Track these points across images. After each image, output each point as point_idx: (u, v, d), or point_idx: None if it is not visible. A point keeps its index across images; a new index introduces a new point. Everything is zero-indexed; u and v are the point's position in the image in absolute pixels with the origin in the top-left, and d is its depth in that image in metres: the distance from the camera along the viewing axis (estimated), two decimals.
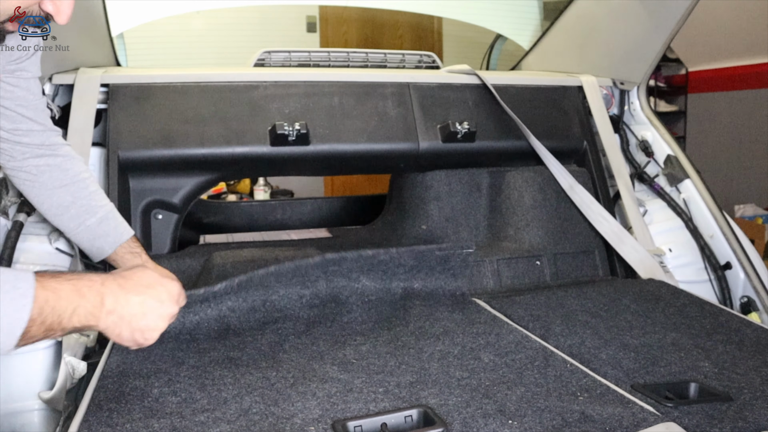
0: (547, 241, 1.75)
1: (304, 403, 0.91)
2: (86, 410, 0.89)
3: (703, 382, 1.01)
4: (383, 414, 0.87)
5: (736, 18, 4.33)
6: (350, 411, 0.89)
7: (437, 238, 1.81)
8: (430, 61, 2.07)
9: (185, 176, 1.64)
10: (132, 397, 0.92)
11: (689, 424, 0.87)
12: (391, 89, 1.78)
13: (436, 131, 1.76)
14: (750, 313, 1.68)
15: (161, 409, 0.88)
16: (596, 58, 2.02)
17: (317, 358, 1.08)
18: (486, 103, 1.84)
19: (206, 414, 0.87)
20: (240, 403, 0.91)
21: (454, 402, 0.91)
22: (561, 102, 1.95)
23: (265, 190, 4.30)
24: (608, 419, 0.85)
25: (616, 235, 1.72)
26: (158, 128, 1.58)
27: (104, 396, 0.92)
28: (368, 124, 1.72)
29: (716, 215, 1.80)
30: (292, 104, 1.68)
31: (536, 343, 1.14)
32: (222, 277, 1.49)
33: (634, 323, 1.28)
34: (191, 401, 0.91)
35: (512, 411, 0.89)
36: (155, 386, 0.94)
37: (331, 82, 1.74)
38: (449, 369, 1.04)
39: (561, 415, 0.87)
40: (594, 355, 1.12)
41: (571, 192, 1.77)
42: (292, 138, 1.62)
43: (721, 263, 1.76)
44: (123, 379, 0.98)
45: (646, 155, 1.96)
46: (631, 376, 1.03)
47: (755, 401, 0.95)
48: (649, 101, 2.03)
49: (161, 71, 1.70)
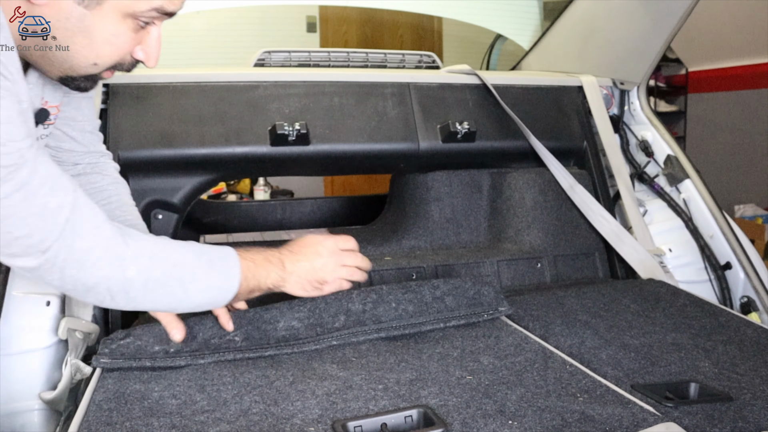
0: (547, 243, 1.75)
1: (303, 403, 0.91)
2: (86, 409, 0.89)
3: (704, 382, 1.01)
4: (383, 414, 0.87)
5: (736, 18, 4.34)
6: (350, 410, 0.89)
7: (437, 240, 1.81)
8: (430, 61, 2.07)
9: (185, 176, 1.64)
10: (132, 398, 0.92)
11: (689, 424, 0.87)
12: (391, 89, 1.78)
13: (436, 131, 1.76)
14: (750, 313, 1.68)
15: (161, 410, 0.88)
16: (596, 58, 2.02)
17: (316, 356, 1.08)
18: (486, 103, 1.84)
19: (206, 414, 0.87)
20: (240, 403, 0.91)
21: (454, 402, 0.91)
22: (561, 102, 1.95)
23: (265, 190, 4.30)
24: (608, 419, 0.85)
25: (616, 235, 1.72)
26: (158, 128, 1.58)
27: (104, 396, 0.92)
28: (368, 124, 1.72)
29: (716, 215, 1.80)
30: (292, 104, 1.68)
31: (536, 344, 1.14)
32: None
33: (634, 323, 1.28)
34: (191, 402, 0.91)
35: (512, 411, 0.89)
36: (155, 390, 0.94)
37: (331, 82, 1.74)
38: (449, 368, 1.04)
39: (561, 415, 0.87)
40: (594, 355, 1.12)
41: (571, 192, 1.77)
42: (292, 138, 1.62)
43: (721, 263, 1.76)
44: (123, 381, 0.97)
45: (646, 155, 1.96)
46: (631, 376, 1.03)
47: (755, 401, 0.95)
48: (649, 101, 2.03)
49: (161, 71, 1.70)
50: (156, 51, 0.94)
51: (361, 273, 1.19)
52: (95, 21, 0.85)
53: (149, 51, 0.94)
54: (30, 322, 1.25)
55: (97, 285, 0.88)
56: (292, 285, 1.10)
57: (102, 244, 0.87)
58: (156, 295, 0.93)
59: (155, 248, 0.93)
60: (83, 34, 0.86)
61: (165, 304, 0.96)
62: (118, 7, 0.86)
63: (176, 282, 0.94)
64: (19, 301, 1.27)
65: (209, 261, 0.98)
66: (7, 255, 0.84)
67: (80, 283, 0.87)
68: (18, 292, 1.27)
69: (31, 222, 0.81)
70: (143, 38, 0.93)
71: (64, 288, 0.91)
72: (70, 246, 0.84)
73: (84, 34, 0.86)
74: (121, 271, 0.88)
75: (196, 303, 0.98)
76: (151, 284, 0.91)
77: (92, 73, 0.93)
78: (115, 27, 0.87)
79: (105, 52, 0.89)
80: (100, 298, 0.90)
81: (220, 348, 1.07)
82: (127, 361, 1.03)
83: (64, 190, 0.85)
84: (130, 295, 0.91)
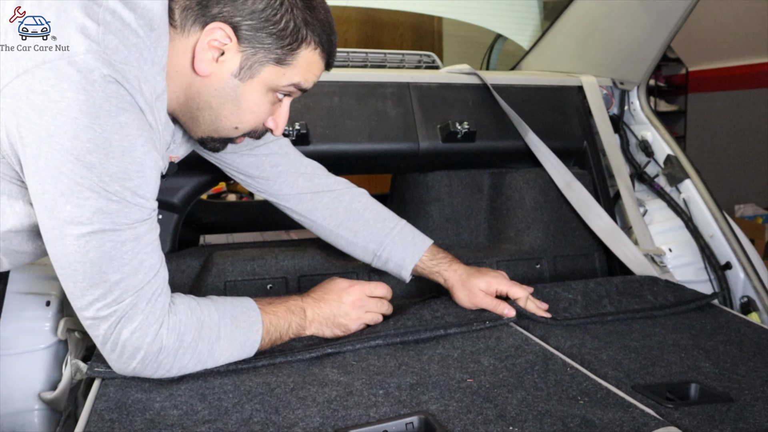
0: (547, 244, 1.75)
1: (304, 411, 0.90)
2: (87, 419, 0.88)
3: (704, 382, 1.01)
4: (384, 421, 0.87)
5: (736, 18, 4.33)
6: (351, 418, 0.88)
7: (437, 240, 1.81)
8: (430, 61, 2.06)
9: (185, 176, 1.64)
10: (134, 409, 0.91)
11: (690, 425, 0.87)
12: (390, 89, 1.78)
13: (436, 131, 1.76)
14: (750, 313, 1.68)
15: (163, 422, 0.88)
16: (596, 58, 2.02)
17: (316, 360, 1.08)
18: (486, 103, 1.84)
19: (207, 425, 0.87)
20: (241, 412, 0.90)
21: (455, 407, 0.91)
22: (561, 102, 1.95)
23: None
24: (609, 424, 0.85)
25: (610, 234, 1.72)
26: None
27: (106, 405, 0.91)
28: (368, 124, 1.72)
29: (716, 215, 1.80)
30: (292, 104, 1.68)
31: (536, 345, 1.14)
32: (221, 275, 1.49)
33: (634, 324, 1.28)
34: (192, 413, 0.90)
35: (513, 416, 0.88)
36: (157, 400, 0.93)
37: (331, 81, 1.74)
38: (449, 371, 1.03)
39: (562, 420, 0.87)
40: (594, 356, 1.12)
41: (567, 191, 1.77)
42: (292, 138, 1.61)
43: (721, 263, 1.76)
44: (125, 390, 0.96)
45: (646, 155, 1.96)
46: (631, 377, 1.03)
47: (756, 402, 0.94)
48: (649, 101, 2.03)
49: None
50: (283, 122, 1.05)
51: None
52: (245, 92, 0.96)
53: (278, 121, 1.04)
54: (30, 322, 1.25)
55: (135, 351, 0.90)
56: (315, 332, 1.14)
57: (155, 313, 0.90)
58: (185, 360, 0.95)
59: (191, 312, 0.95)
60: (233, 102, 0.97)
61: (191, 367, 0.97)
62: (265, 81, 0.96)
63: (203, 344, 0.96)
64: (19, 301, 1.27)
65: (233, 318, 1.00)
66: (81, 296, 0.87)
67: (119, 345, 0.89)
68: (18, 292, 1.27)
69: (127, 271, 0.86)
70: (275, 110, 1.03)
71: (99, 345, 0.92)
72: (134, 306, 0.88)
73: (234, 102, 0.97)
74: (159, 341, 0.91)
75: (220, 361, 1.00)
76: (181, 351, 0.94)
77: (231, 136, 1.03)
78: (259, 98, 0.98)
79: (247, 119, 1.00)
80: (131, 367, 0.92)
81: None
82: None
83: (160, 257, 0.91)
84: (161, 363, 0.93)
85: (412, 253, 1.30)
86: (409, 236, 1.32)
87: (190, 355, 0.95)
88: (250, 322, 1.02)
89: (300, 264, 1.56)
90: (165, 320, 0.91)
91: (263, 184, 1.29)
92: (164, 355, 0.92)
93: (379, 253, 1.30)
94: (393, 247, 1.30)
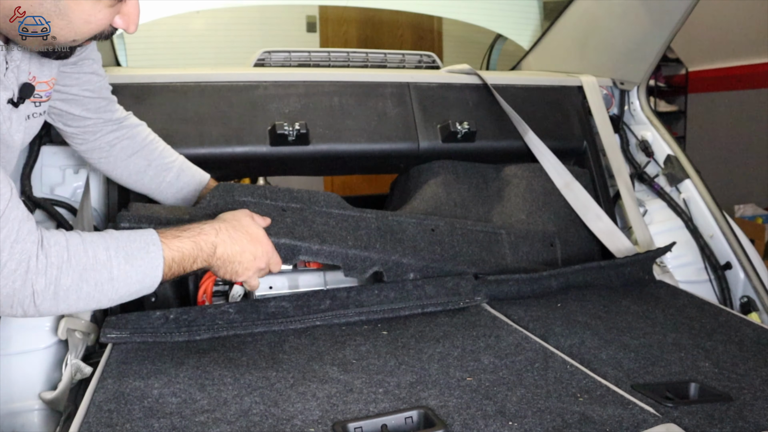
0: (559, 227, 1.69)
1: (304, 404, 0.91)
2: (86, 410, 0.89)
3: (704, 382, 1.01)
4: (383, 415, 0.87)
5: (736, 18, 4.33)
6: (350, 412, 0.89)
7: None
8: (430, 61, 2.07)
9: None
10: (132, 397, 0.92)
11: (689, 424, 0.87)
12: (391, 89, 1.78)
13: (436, 131, 1.76)
14: (750, 313, 1.68)
15: (161, 410, 0.88)
16: (596, 58, 2.02)
17: (317, 358, 1.08)
18: (486, 103, 1.84)
19: (206, 415, 0.87)
20: (240, 403, 0.91)
21: (455, 403, 0.91)
22: (561, 102, 1.95)
23: None
24: (608, 420, 0.85)
25: (609, 235, 1.71)
26: (158, 128, 1.57)
27: (104, 396, 0.92)
28: (368, 124, 1.72)
29: (716, 215, 1.80)
30: (292, 104, 1.68)
31: (536, 344, 1.14)
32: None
33: (634, 324, 1.28)
34: (191, 401, 0.91)
35: (512, 412, 0.88)
36: (155, 387, 0.94)
37: (331, 82, 1.74)
38: (449, 370, 1.04)
39: (561, 416, 0.87)
40: (594, 355, 1.12)
41: (566, 190, 1.76)
42: (292, 138, 1.61)
43: (721, 263, 1.76)
44: (123, 379, 0.98)
45: (646, 155, 1.96)
46: (631, 377, 1.03)
47: (755, 401, 0.95)
48: (649, 101, 2.03)
49: (161, 71, 1.70)
50: (135, 17, 0.94)
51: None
52: (70, 3, 0.85)
53: (128, 18, 0.94)
54: (30, 322, 1.25)
55: (7, 298, 0.86)
56: (213, 266, 1.08)
57: (16, 258, 0.85)
58: (70, 301, 0.91)
59: (68, 253, 0.90)
60: (60, 17, 0.86)
61: (83, 306, 0.93)
62: None
63: (88, 286, 0.91)
64: None
65: (127, 256, 0.95)
66: None
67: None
68: None
69: None
70: (121, 8, 0.92)
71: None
72: None
73: (61, 17, 0.86)
74: (29, 286, 0.87)
75: (116, 300, 0.97)
76: (61, 293, 0.89)
77: (72, 46, 0.94)
78: (91, 6, 0.87)
79: (84, 30, 0.90)
80: (12, 311, 0.89)
81: (215, 317, 1.17)
82: (132, 335, 1.11)
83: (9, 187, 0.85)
84: (40, 307, 0.89)
85: (201, 179, 1.44)
86: (193, 167, 1.45)
87: (75, 296, 0.91)
88: (149, 258, 0.96)
89: None
90: (33, 263, 0.86)
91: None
92: (41, 299, 0.88)
93: (169, 179, 1.40)
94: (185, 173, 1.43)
